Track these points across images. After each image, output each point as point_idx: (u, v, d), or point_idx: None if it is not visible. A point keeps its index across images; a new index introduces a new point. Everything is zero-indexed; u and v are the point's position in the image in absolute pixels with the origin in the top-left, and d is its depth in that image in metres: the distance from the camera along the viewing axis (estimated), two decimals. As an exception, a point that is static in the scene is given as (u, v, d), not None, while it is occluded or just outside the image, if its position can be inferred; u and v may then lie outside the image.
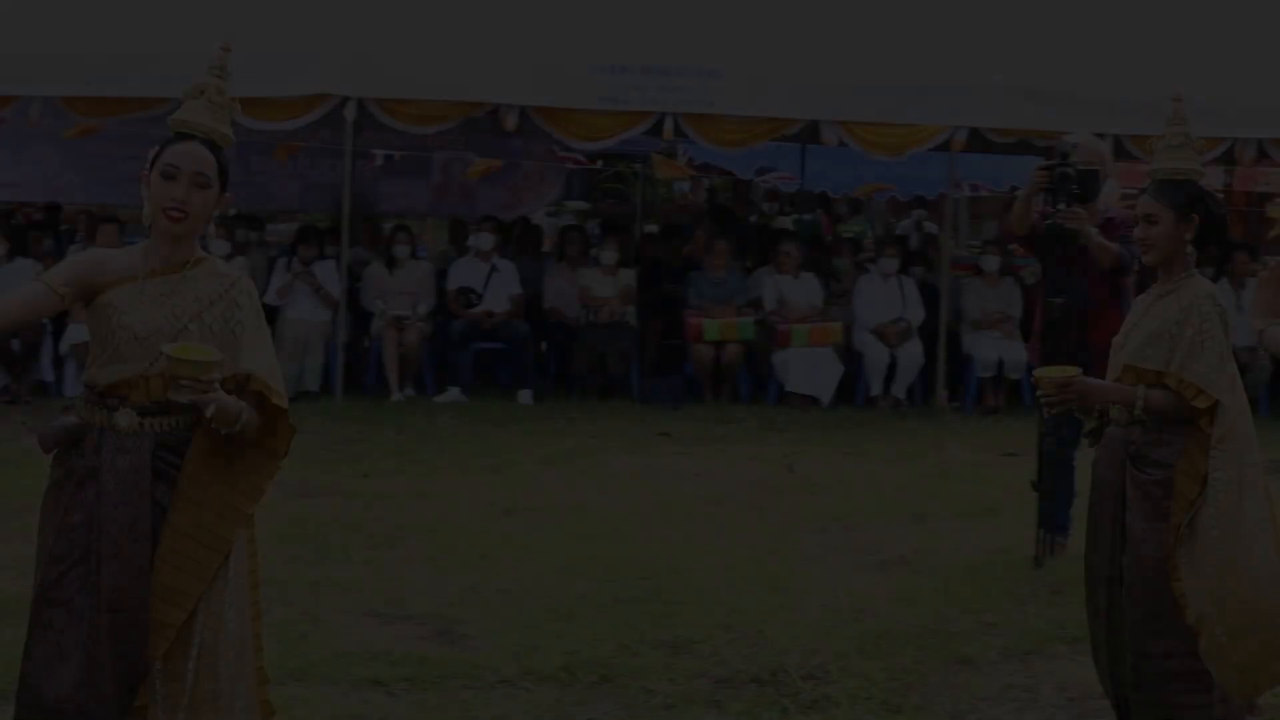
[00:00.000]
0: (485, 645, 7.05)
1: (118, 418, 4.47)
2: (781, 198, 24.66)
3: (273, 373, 4.55)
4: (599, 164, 22.63)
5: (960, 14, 15.08)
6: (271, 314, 15.01)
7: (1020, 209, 8.67)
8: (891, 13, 15.08)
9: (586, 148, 17.18)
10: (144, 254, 4.57)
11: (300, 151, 16.95)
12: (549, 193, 21.81)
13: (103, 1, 14.34)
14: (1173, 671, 5.23)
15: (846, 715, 6.31)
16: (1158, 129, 5.52)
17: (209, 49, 4.70)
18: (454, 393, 14.65)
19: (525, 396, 14.68)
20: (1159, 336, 5.29)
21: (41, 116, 14.27)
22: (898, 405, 15.05)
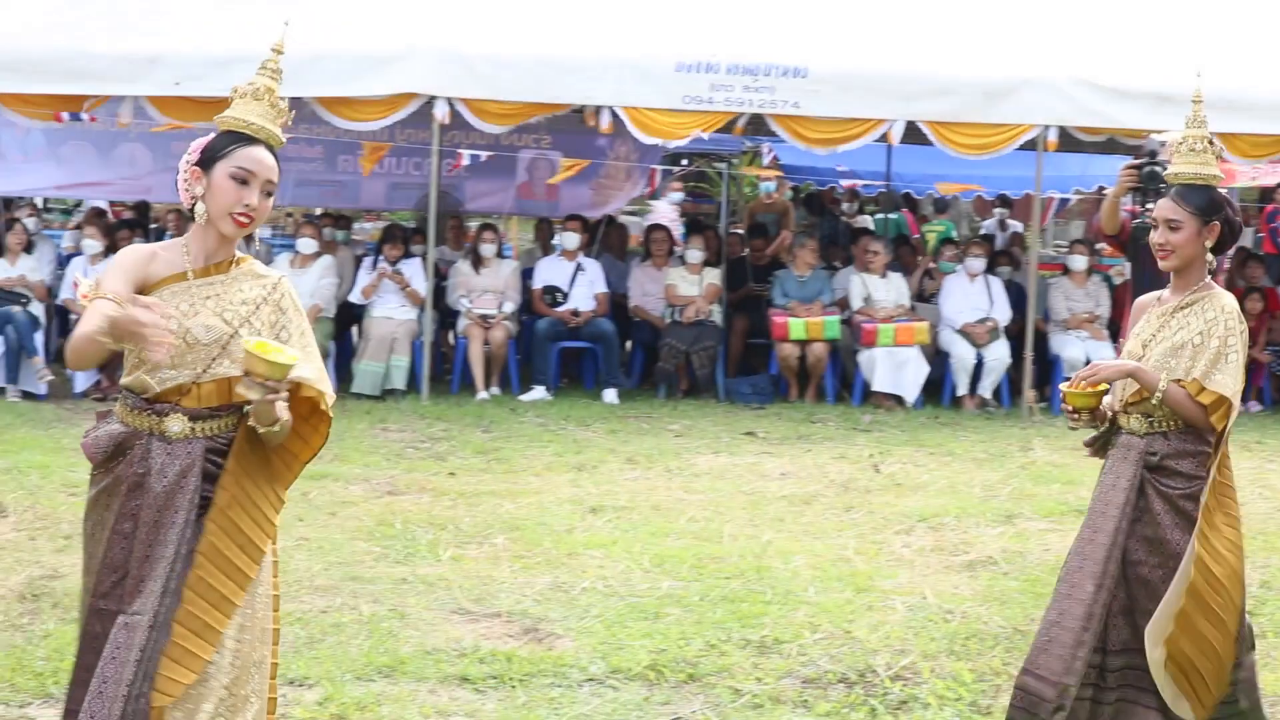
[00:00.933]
0: (572, 643, 7.07)
1: (169, 424, 4.42)
2: (863, 197, 24.61)
3: (322, 377, 4.49)
4: (684, 163, 22.66)
5: (1047, 11, 14.98)
6: (358, 312, 15.14)
7: (1109, 208, 8.60)
8: (979, 11, 15.00)
9: (668, 146, 17.11)
10: (184, 251, 4.51)
11: (386, 152, 17.03)
12: (633, 191, 21.83)
13: (192, 2, 14.47)
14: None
15: (935, 717, 6.28)
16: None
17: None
18: (539, 391, 14.68)
19: (610, 395, 14.70)
20: (1182, 349, 5.17)
21: (132, 116, 14.38)
22: (984, 405, 14.97)
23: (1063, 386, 5.33)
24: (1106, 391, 5.28)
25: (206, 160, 4.48)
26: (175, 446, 4.41)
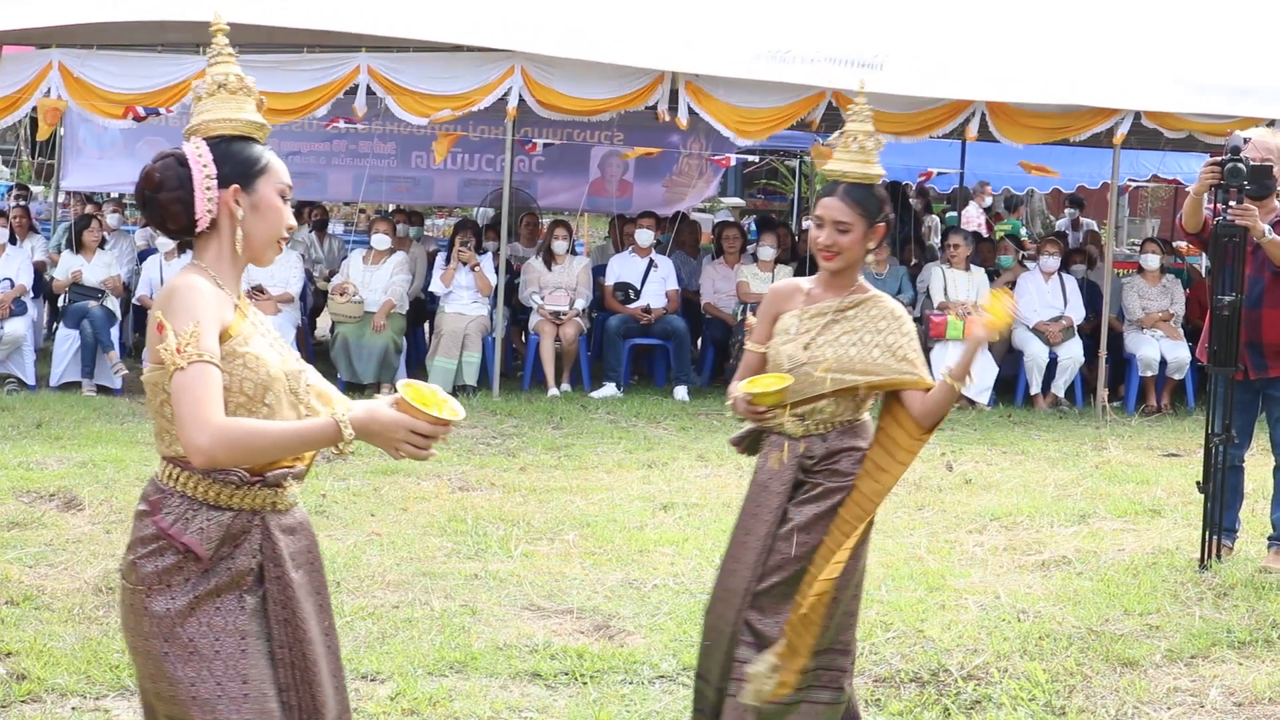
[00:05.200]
0: (643, 640, 7.06)
1: (287, 495, 3.77)
2: (931, 195, 24.51)
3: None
4: (758, 158, 22.65)
5: (1127, 4, 14.88)
6: (430, 308, 15.20)
7: (1191, 206, 8.48)
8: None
9: (744, 143, 17.09)
10: (216, 283, 3.73)
11: (459, 147, 17.07)
12: (705, 190, 21.84)
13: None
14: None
15: (1009, 717, 6.23)
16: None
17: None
18: (610, 388, 14.69)
19: (681, 392, 14.69)
20: (860, 347, 5.03)
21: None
22: (1057, 404, 14.87)
23: (746, 387, 5.07)
24: (789, 383, 5.04)
25: (244, 175, 3.78)
26: (285, 519, 3.75)
